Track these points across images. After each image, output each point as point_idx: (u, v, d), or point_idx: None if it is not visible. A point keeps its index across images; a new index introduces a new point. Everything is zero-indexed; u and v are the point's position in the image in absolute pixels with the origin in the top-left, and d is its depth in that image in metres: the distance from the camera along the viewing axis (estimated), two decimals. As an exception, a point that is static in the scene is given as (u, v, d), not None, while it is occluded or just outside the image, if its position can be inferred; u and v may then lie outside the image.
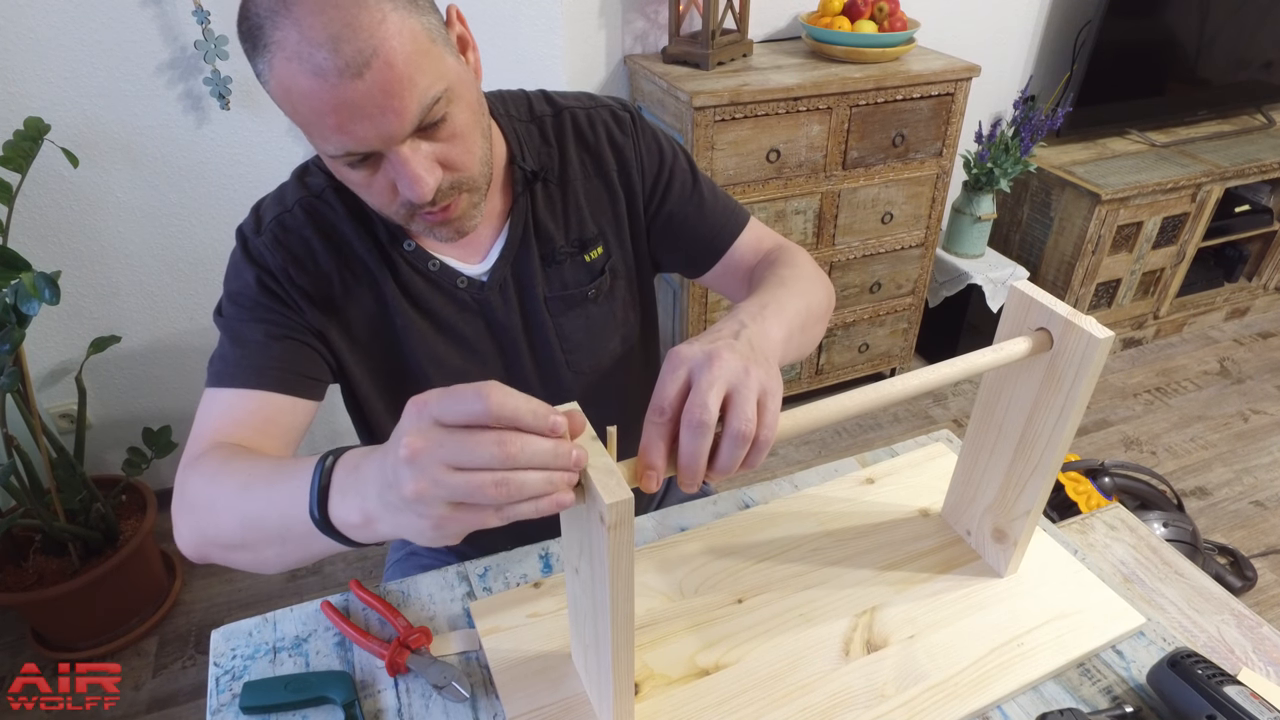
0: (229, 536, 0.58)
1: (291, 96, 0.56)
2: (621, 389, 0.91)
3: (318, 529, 0.50)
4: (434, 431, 0.41)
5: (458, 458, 0.41)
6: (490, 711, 0.63)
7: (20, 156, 1.27)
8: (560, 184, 0.79)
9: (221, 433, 0.66)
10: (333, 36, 0.53)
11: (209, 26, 1.39)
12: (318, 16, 0.53)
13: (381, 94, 0.55)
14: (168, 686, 1.50)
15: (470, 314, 0.79)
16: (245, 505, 0.57)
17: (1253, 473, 2.05)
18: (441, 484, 0.41)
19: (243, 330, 0.71)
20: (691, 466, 0.48)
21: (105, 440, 1.75)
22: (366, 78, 0.54)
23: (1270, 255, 2.61)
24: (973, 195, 2.18)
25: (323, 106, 0.55)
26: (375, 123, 0.56)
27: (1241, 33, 2.35)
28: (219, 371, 0.70)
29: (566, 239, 0.80)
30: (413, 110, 0.57)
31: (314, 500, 0.50)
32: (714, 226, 0.84)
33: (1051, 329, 0.61)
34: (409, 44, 0.55)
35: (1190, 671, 0.62)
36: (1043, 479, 0.67)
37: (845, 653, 0.68)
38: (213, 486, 0.60)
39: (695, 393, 0.47)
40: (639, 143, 0.81)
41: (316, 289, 0.73)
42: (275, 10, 0.54)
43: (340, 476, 0.50)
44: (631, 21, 1.86)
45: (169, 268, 1.62)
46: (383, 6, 0.55)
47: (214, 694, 0.65)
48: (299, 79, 0.54)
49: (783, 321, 0.60)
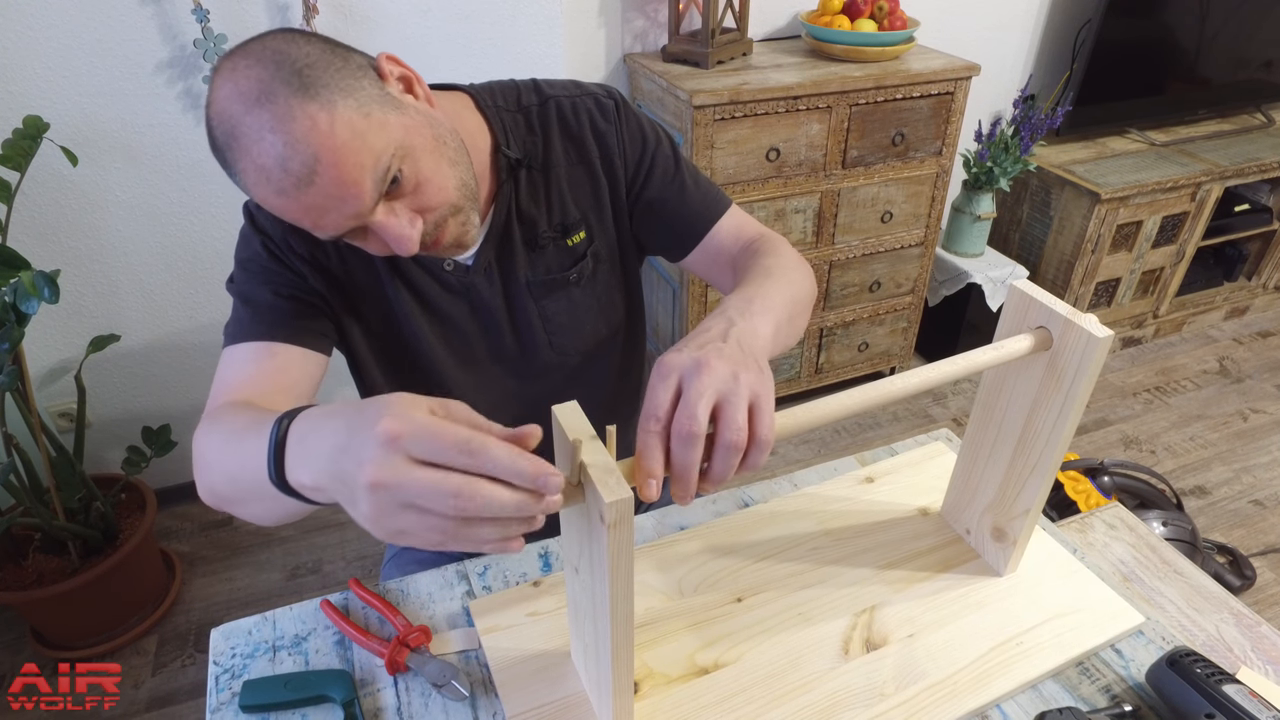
0: (223, 491, 0.61)
1: (270, 209, 0.63)
2: (605, 371, 0.94)
3: (279, 491, 0.50)
4: (404, 468, 0.40)
5: (419, 501, 0.41)
6: (490, 710, 0.63)
7: (19, 155, 1.27)
8: (543, 170, 0.82)
9: (235, 387, 0.69)
10: (278, 160, 0.58)
11: (208, 25, 1.39)
12: (259, 144, 0.58)
13: (336, 188, 0.60)
14: (167, 685, 1.50)
15: (456, 296, 0.82)
16: (227, 462, 0.58)
17: (1252, 472, 2.05)
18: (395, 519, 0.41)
19: (252, 292, 0.75)
20: (684, 478, 0.47)
21: (105, 439, 1.75)
22: (318, 183, 0.59)
23: (1270, 254, 2.61)
24: (972, 194, 2.18)
25: (294, 214, 0.62)
26: (340, 212, 0.62)
27: (1241, 32, 2.35)
28: (232, 332, 0.74)
29: (549, 224, 0.83)
30: (368, 189, 0.61)
31: (271, 465, 0.50)
32: (695, 210, 0.85)
33: (1051, 328, 0.61)
34: (344, 134, 0.59)
35: (1189, 670, 0.62)
36: (1042, 478, 0.67)
37: (845, 651, 0.68)
38: (208, 442, 0.62)
39: (684, 404, 0.47)
40: (622, 129, 0.83)
41: (315, 259, 0.77)
42: (229, 144, 0.60)
43: (293, 443, 0.49)
44: (631, 20, 1.86)
45: (168, 266, 1.62)
46: (308, 110, 0.58)
47: (213, 693, 0.65)
48: (267, 199, 0.61)
49: (770, 316, 0.60)
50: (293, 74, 0.58)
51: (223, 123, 0.59)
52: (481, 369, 0.87)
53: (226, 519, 1.87)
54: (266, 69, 0.58)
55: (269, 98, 0.57)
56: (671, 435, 0.47)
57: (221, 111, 0.59)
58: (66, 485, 1.48)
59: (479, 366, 0.87)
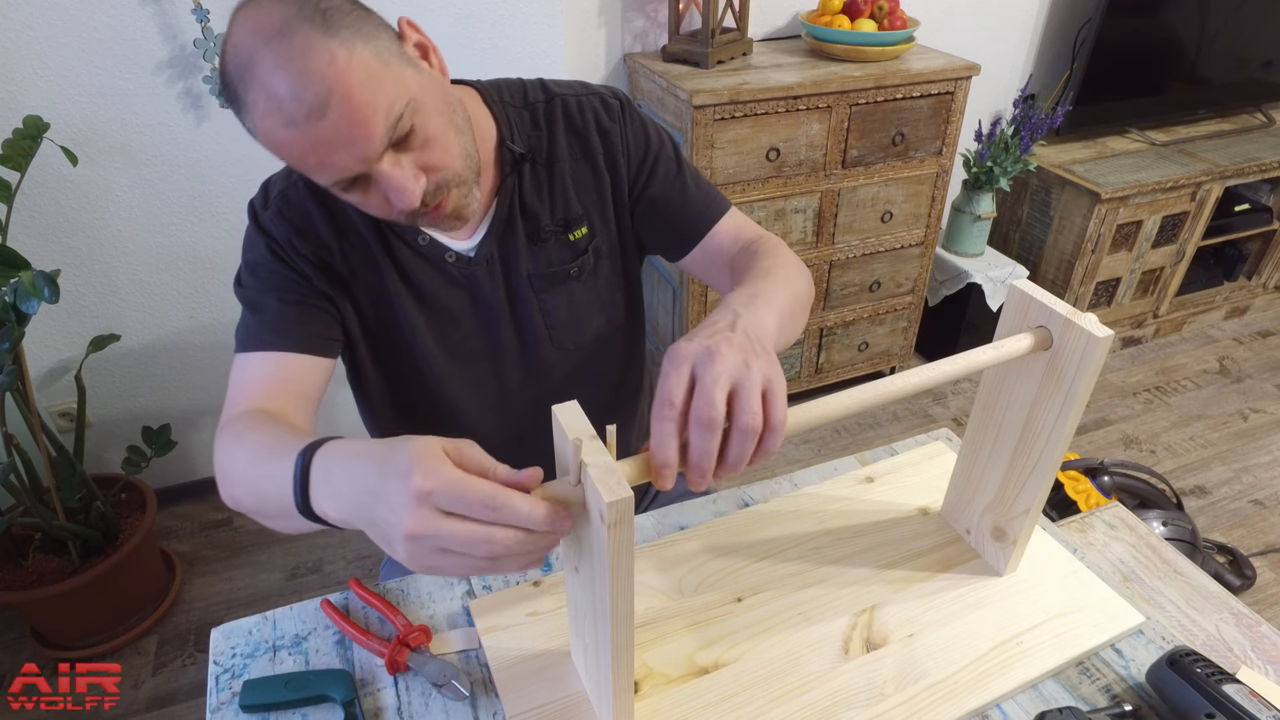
0: (248, 505, 0.64)
1: (275, 146, 0.62)
2: (604, 367, 0.95)
3: (304, 519, 0.54)
4: (436, 519, 0.45)
5: (452, 547, 0.45)
6: (490, 710, 0.63)
7: (19, 155, 1.27)
8: (548, 166, 0.83)
9: (248, 395, 0.72)
10: (291, 90, 0.58)
11: (208, 25, 1.39)
12: (275, 73, 0.58)
13: (347, 125, 0.60)
14: (167, 685, 1.50)
15: (457, 288, 0.83)
16: (252, 481, 0.62)
17: (1252, 471, 2.05)
18: (430, 560, 0.46)
19: (259, 299, 0.76)
20: (701, 464, 0.48)
21: (105, 439, 1.75)
22: (330, 116, 0.59)
23: (1270, 254, 2.61)
24: (972, 194, 2.18)
25: (302, 149, 0.61)
26: (349, 151, 0.61)
27: (1241, 31, 2.35)
28: (243, 338, 0.76)
29: (552, 218, 0.84)
30: (379, 131, 0.61)
31: (297, 496, 0.53)
32: (695, 211, 0.87)
33: (1051, 328, 0.61)
34: (361, 73, 0.60)
35: (1189, 670, 0.62)
36: (1042, 478, 0.67)
37: (845, 651, 0.68)
38: (230, 457, 0.65)
39: (701, 390, 0.48)
40: (626, 129, 0.85)
41: (319, 258, 0.78)
42: (242, 75, 0.60)
43: (318, 479, 0.53)
44: (631, 20, 1.86)
45: (168, 266, 1.62)
46: (329, 46, 0.59)
47: (214, 692, 0.65)
48: (276, 132, 0.61)
49: (773, 310, 0.61)
50: (316, 12, 0.59)
51: (238, 55, 0.59)
52: (479, 364, 0.88)
53: (227, 519, 1.87)
54: (290, 7, 0.59)
55: (289, 31, 0.58)
56: (690, 422, 0.48)
57: (238, 44, 0.59)
58: (67, 485, 1.48)
59: (476, 362, 0.87)
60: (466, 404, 0.89)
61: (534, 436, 0.72)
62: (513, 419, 0.92)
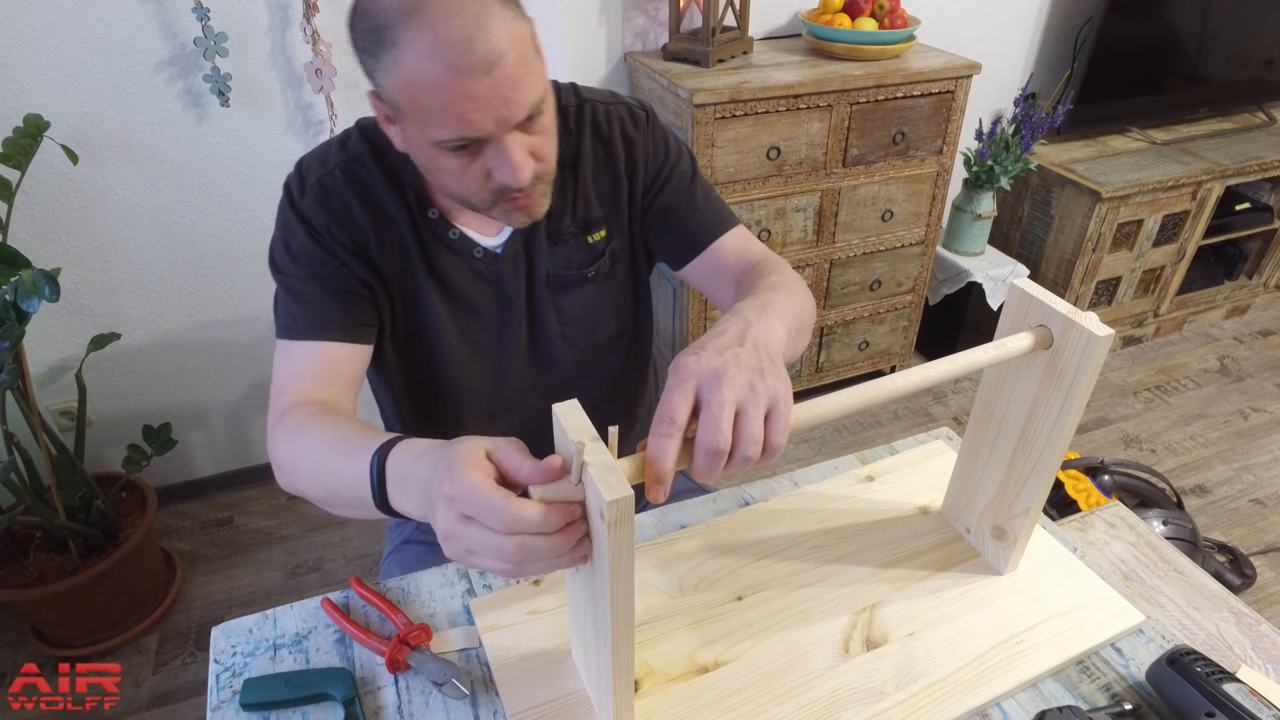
0: (316, 497, 0.67)
1: (417, 89, 0.63)
2: (611, 366, 0.97)
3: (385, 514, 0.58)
4: (460, 523, 0.48)
5: (474, 548, 0.48)
6: (490, 708, 0.63)
7: (20, 153, 1.27)
8: (573, 169, 0.85)
9: (297, 386, 0.75)
10: (467, 38, 0.60)
11: (209, 23, 1.39)
12: (451, 20, 0.60)
13: (505, 88, 0.63)
14: (168, 683, 1.51)
15: (483, 283, 0.85)
16: (323, 478, 0.65)
17: (1252, 470, 2.05)
18: (465, 559, 0.50)
19: (302, 287, 0.78)
20: (703, 479, 0.50)
21: (105, 437, 1.75)
22: (494, 74, 0.62)
23: (1270, 253, 2.61)
24: (973, 193, 2.17)
25: (451, 98, 0.62)
26: (495, 113, 0.64)
27: (1242, 30, 2.35)
28: (286, 325, 0.78)
29: (573, 219, 0.86)
30: (524, 106, 0.65)
31: (375, 495, 0.57)
32: (702, 222, 0.89)
33: (1052, 327, 0.61)
34: (523, 48, 0.64)
35: (1189, 669, 0.62)
36: (1042, 477, 0.67)
37: (845, 650, 0.68)
38: (294, 452, 0.68)
39: (708, 418, 0.49)
40: (649, 139, 0.88)
41: (356, 245, 0.79)
42: (405, 13, 0.61)
43: (392, 482, 0.56)
44: (632, 19, 1.86)
45: (169, 264, 1.62)
46: (506, 15, 0.63)
47: (214, 691, 0.65)
48: (431, 73, 0.61)
49: (783, 321, 0.61)
50: None
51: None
52: (492, 357, 0.89)
53: (227, 518, 1.87)
54: None
55: None
56: (696, 446, 0.49)
57: None
58: (67, 484, 1.48)
59: (490, 354, 0.89)
60: (476, 394, 0.91)
61: (537, 428, 0.72)
62: (517, 410, 0.94)
